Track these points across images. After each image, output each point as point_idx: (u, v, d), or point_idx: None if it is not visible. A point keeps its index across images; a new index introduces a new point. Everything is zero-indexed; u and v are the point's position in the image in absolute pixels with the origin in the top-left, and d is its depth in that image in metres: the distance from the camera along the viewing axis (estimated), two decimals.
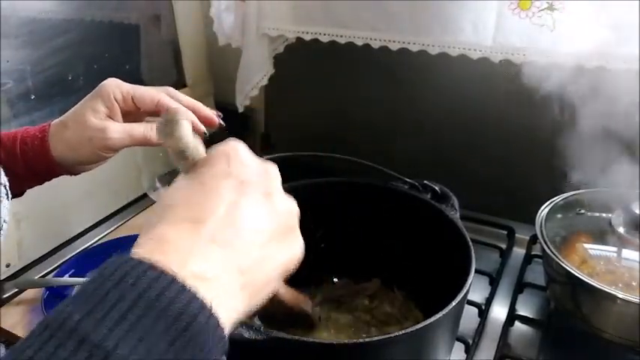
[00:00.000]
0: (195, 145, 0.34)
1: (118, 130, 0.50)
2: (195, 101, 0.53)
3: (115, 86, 0.51)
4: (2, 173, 0.47)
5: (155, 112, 0.52)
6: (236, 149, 0.33)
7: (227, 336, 0.27)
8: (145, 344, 0.23)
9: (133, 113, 0.52)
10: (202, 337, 0.25)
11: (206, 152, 0.34)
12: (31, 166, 0.51)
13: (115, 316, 0.23)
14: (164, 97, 0.52)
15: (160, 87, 0.53)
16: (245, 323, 0.41)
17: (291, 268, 0.33)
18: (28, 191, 0.56)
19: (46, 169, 0.52)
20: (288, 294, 0.46)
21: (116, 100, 0.51)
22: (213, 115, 0.53)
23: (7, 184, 0.49)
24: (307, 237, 0.34)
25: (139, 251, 0.27)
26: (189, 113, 0.50)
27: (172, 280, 0.25)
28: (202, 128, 0.52)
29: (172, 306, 0.24)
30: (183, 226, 0.28)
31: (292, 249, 0.33)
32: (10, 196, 0.49)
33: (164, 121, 0.34)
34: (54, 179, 0.54)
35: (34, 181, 0.54)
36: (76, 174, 0.54)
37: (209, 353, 0.25)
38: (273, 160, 0.65)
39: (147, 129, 0.51)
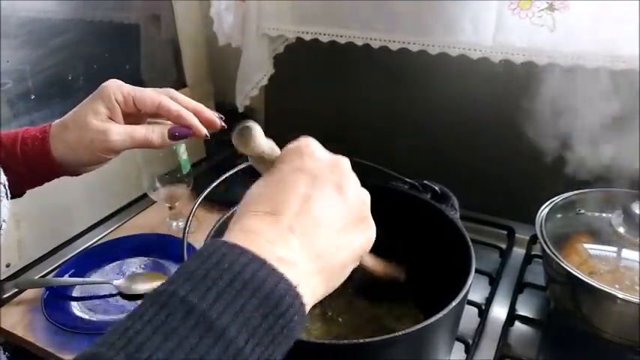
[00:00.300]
0: (270, 147, 0.38)
1: (119, 132, 0.50)
2: (197, 103, 0.53)
3: (116, 87, 0.50)
4: (2, 173, 0.47)
5: (156, 114, 0.52)
6: (308, 145, 0.37)
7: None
8: (242, 317, 0.27)
9: (133, 115, 0.52)
10: (290, 314, 0.28)
11: (281, 150, 0.38)
12: (32, 167, 0.51)
13: (215, 292, 0.27)
14: (165, 99, 0.51)
15: (162, 89, 0.53)
16: None
17: (366, 252, 0.37)
18: (28, 192, 0.56)
19: (47, 169, 0.52)
20: (376, 265, 0.49)
21: (117, 102, 0.50)
22: (215, 117, 0.53)
23: (7, 183, 0.49)
24: None
25: (231, 239, 0.30)
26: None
27: (262, 264, 0.29)
28: (204, 131, 0.51)
29: (263, 286, 0.28)
30: (265, 219, 0.32)
31: (365, 235, 0.36)
32: (9, 195, 0.49)
33: (238, 132, 0.37)
34: (54, 179, 0.54)
35: (35, 182, 0.54)
36: (77, 175, 0.54)
37: (294, 329, 0.29)
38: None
39: (148, 131, 0.50)
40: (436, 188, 0.63)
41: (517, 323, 0.67)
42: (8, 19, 0.69)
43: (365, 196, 0.37)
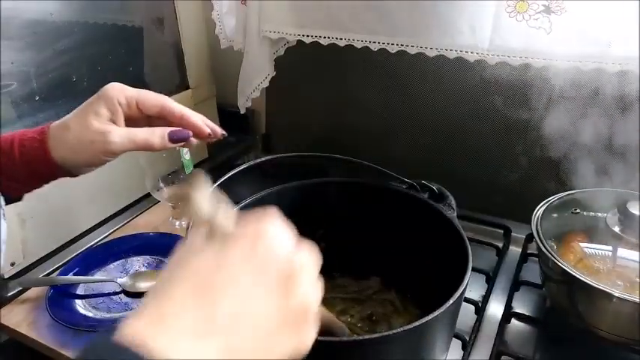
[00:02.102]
0: (215, 216, 0.33)
1: (120, 134, 0.50)
2: (194, 113, 0.53)
3: (119, 90, 0.51)
4: None
5: (158, 116, 0.52)
6: (266, 230, 0.32)
7: None
8: None
9: (135, 118, 0.52)
10: None
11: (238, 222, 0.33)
12: (31, 169, 0.51)
13: None
14: (168, 100, 0.52)
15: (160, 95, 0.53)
16: None
17: (298, 356, 0.33)
18: (33, 191, 0.56)
19: (46, 171, 0.51)
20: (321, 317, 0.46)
21: (120, 104, 0.50)
22: (214, 125, 0.54)
23: (4, 204, 0.48)
24: (307, 236, 0.34)
25: (138, 326, 0.26)
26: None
27: None
28: (206, 130, 0.52)
29: None
30: (189, 308, 0.28)
31: (300, 340, 0.32)
32: (5, 217, 0.48)
33: (182, 192, 0.34)
34: (53, 181, 0.54)
35: (34, 184, 0.54)
36: (75, 176, 0.54)
37: None
38: (274, 160, 0.67)
39: (149, 133, 0.50)
40: (434, 188, 0.64)
41: (514, 321, 0.67)
42: (13, 21, 0.69)
43: (312, 297, 0.33)
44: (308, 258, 0.33)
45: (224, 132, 0.54)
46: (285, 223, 0.33)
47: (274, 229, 0.32)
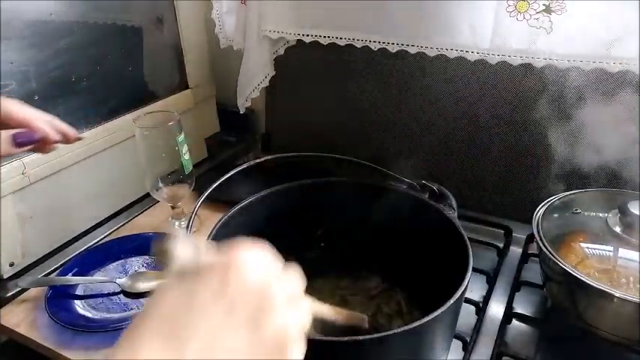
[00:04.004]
0: (188, 260, 0.32)
1: None
2: (43, 116, 0.51)
3: None
4: None
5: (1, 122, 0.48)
6: (236, 261, 0.31)
7: None
8: None
9: None
10: None
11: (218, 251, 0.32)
12: None
13: None
14: (9, 105, 0.48)
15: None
16: None
17: None
18: (33, 191, 0.55)
19: None
20: (337, 314, 0.44)
21: None
22: (67, 127, 0.52)
23: None
24: (307, 236, 0.34)
25: None
26: None
27: None
28: (54, 136, 0.51)
29: None
30: (158, 347, 0.28)
31: None
32: None
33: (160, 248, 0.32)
34: (58, 179, 0.54)
35: None
36: None
37: None
38: (273, 160, 0.66)
39: None
40: (434, 188, 0.64)
41: (514, 321, 0.67)
42: (12, 21, 0.69)
43: (290, 326, 0.32)
44: (285, 284, 0.32)
45: (79, 135, 0.51)
46: (259, 250, 0.32)
47: (246, 259, 0.31)
